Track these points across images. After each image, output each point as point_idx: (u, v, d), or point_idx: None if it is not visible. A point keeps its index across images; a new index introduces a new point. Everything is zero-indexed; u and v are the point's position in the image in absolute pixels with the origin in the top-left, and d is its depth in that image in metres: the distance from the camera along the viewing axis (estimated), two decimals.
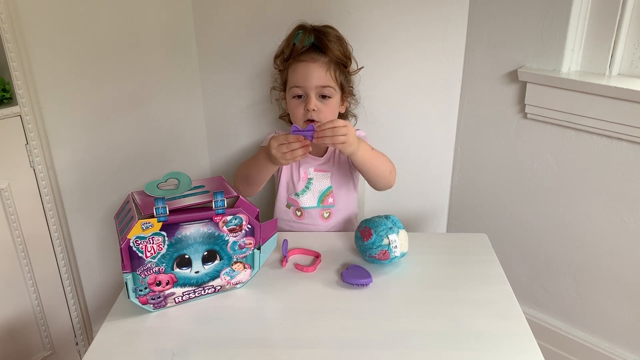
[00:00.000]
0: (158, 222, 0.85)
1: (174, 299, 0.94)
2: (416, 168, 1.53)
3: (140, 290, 0.89)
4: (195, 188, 0.92)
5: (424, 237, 1.22)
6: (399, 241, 1.01)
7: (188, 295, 0.95)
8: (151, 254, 0.87)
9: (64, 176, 1.34)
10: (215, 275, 0.95)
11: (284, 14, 1.32)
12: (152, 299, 0.91)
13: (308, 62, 1.19)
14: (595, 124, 1.28)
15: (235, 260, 0.95)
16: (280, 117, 1.41)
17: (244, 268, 0.97)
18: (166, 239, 0.87)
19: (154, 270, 0.89)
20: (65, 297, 1.39)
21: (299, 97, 1.20)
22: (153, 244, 0.86)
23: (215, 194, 0.89)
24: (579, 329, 1.49)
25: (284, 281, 1.01)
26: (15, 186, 1.23)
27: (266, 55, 1.38)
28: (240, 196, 0.92)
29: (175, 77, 1.50)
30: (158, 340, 0.87)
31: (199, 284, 0.94)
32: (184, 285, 0.93)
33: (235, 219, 0.91)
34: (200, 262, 0.92)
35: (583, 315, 1.47)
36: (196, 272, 0.93)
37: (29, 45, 1.19)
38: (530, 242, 1.52)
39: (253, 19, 1.45)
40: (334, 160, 1.29)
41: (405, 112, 1.49)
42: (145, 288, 0.90)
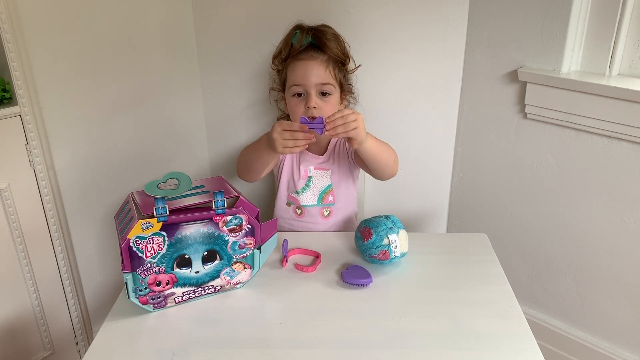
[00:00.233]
0: (158, 222, 0.85)
1: (174, 299, 0.94)
2: (416, 168, 1.53)
3: (140, 290, 0.89)
4: (195, 188, 0.92)
5: (424, 237, 1.22)
6: (399, 241, 1.01)
7: (188, 295, 0.95)
8: (151, 254, 0.87)
9: (64, 176, 1.34)
10: (215, 275, 0.95)
11: (283, 14, 1.32)
12: (152, 299, 0.91)
13: (307, 61, 1.19)
14: (595, 124, 1.28)
15: (235, 260, 0.95)
16: (279, 119, 1.41)
17: (244, 268, 0.97)
18: (166, 239, 0.87)
19: (154, 270, 0.89)
20: (65, 297, 1.39)
21: (298, 96, 1.20)
22: (153, 244, 0.86)
23: (215, 194, 0.89)
24: (579, 329, 1.49)
25: (284, 281, 1.01)
26: (15, 186, 1.23)
27: (266, 55, 1.38)
28: (241, 196, 0.92)
29: (175, 77, 1.50)
30: (158, 340, 0.87)
31: (199, 284, 0.94)
32: (184, 285, 0.93)
33: (235, 219, 0.91)
34: (200, 262, 0.92)
35: (583, 315, 1.47)
36: (196, 272, 0.93)
37: (29, 45, 1.19)
38: (530, 242, 1.52)
39: (253, 19, 1.46)
40: (334, 159, 1.30)
41: (405, 112, 1.49)
42: (145, 288, 0.90)
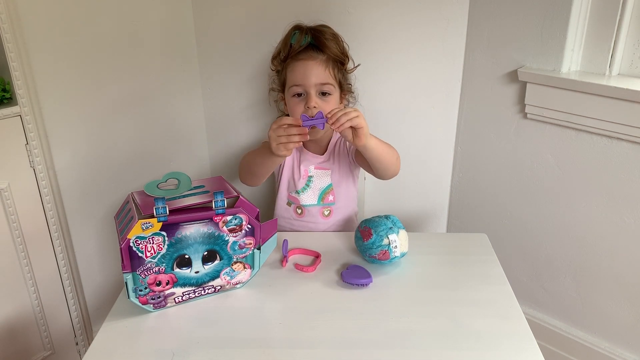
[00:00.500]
0: (158, 222, 0.85)
1: (174, 299, 0.94)
2: (416, 168, 1.53)
3: (140, 290, 0.89)
4: (195, 188, 0.92)
5: (424, 237, 1.22)
6: (399, 241, 1.01)
7: (188, 295, 0.95)
8: (151, 254, 0.87)
9: (64, 176, 1.34)
10: (215, 275, 0.95)
11: (283, 14, 1.32)
12: (152, 299, 0.91)
13: (307, 61, 1.19)
14: (595, 124, 1.28)
15: (235, 260, 0.95)
16: None
17: (244, 268, 0.97)
18: (166, 239, 0.87)
19: (154, 270, 0.89)
20: (65, 297, 1.39)
21: (298, 96, 1.20)
22: (153, 244, 0.86)
23: (215, 194, 0.89)
24: (579, 329, 1.49)
25: (284, 281, 1.01)
26: (15, 186, 1.23)
27: (266, 55, 1.38)
28: (241, 196, 0.92)
29: (175, 77, 1.50)
30: (158, 340, 0.87)
31: (199, 284, 0.94)
32: (184, 285, 0.93)
33: (235, 219, 0.91)
34: (200, 262, 0.92)
35: (583, 315, 1.47)
36: (196, 272, 0.93)
37: (29, 45, 1.19)
38: (530, 242, 1.52)
39: (253, 19, 1.46)
40: (334, 158, 1.30)
41: (405, 112, 1.49)
42: (145, 288, 0.90)
